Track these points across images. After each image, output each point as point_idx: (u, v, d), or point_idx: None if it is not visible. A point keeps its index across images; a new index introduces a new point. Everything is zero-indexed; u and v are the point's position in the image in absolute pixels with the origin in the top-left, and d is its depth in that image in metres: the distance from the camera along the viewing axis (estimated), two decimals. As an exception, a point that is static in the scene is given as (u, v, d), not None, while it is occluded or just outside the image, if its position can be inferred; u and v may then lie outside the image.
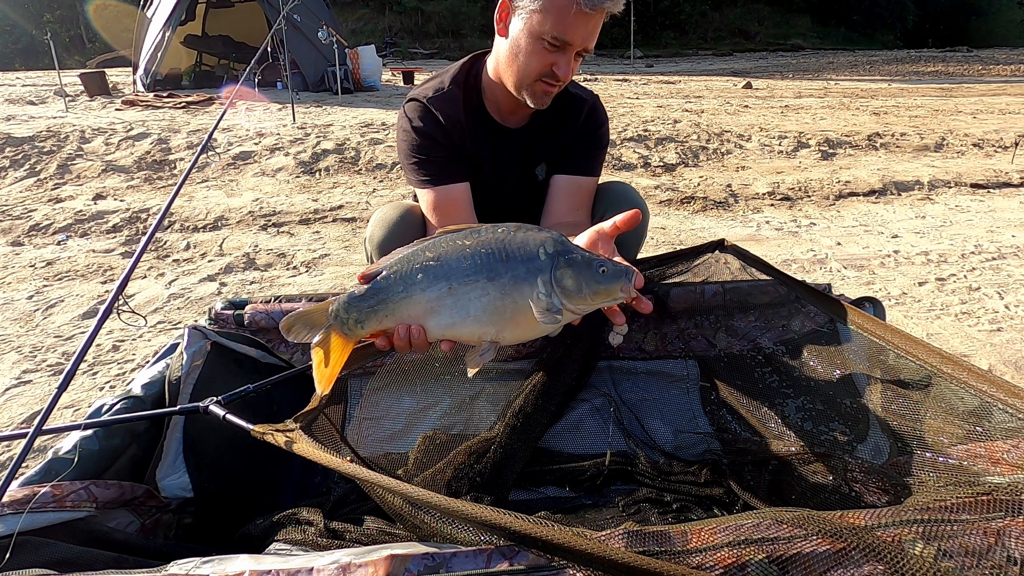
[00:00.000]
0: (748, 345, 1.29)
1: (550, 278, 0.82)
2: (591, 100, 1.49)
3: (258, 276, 3.05)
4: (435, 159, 1.38)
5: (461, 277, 0.82)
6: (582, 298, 0.83)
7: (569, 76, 1.28)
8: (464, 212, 1.40)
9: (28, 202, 4.21)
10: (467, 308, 0.82)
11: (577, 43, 1.23)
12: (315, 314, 0.87)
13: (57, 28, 16.67)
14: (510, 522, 0.56)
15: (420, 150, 1.38)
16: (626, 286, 0.83)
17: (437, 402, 1.24)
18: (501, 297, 0.82)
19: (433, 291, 0.82)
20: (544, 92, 1.31)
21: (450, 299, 0.82)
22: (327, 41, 8.74)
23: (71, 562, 0.72)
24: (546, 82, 1.28)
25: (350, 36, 9.88)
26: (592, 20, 1.21)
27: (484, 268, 0.82)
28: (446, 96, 1.39)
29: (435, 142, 1.38)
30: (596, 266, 0.83)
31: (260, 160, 5.16)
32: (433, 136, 1.38)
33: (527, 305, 0.82)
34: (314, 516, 0.86)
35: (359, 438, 1.21)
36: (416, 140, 1.38)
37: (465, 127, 1.40)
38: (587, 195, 1.50)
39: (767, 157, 5.57)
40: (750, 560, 0.55)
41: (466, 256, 0.82)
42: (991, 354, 2.29)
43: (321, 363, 0.86)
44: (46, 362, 2.24)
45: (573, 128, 1.46)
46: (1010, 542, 0.56)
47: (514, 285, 0.82)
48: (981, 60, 15.90)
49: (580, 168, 1.47)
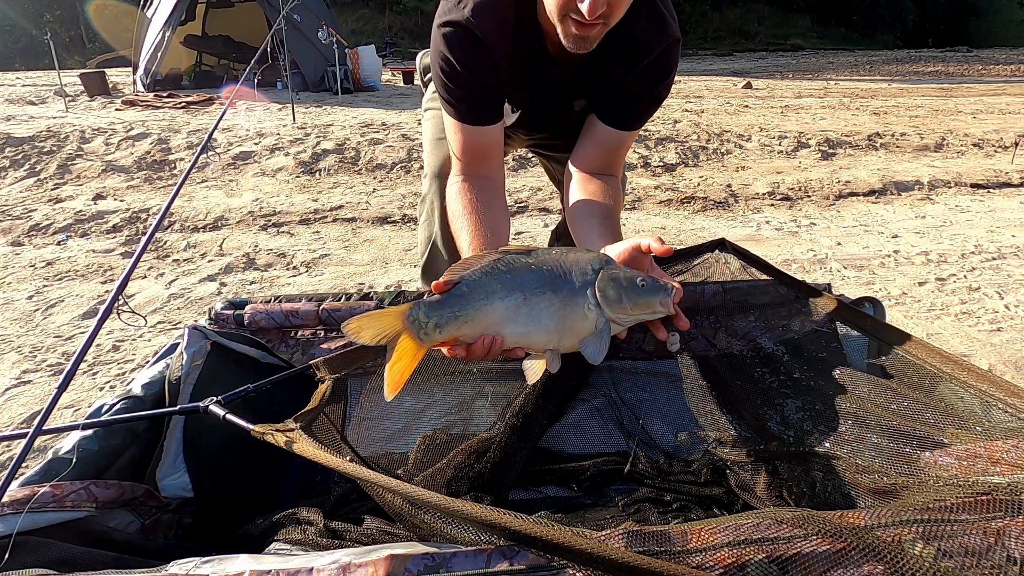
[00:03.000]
0: (748, 345, 1.29)
1: (596, 290, 0.91)
2: (659, 49, 1.21)
3: (258, 276, 3.05)
4: (469, 97, 1.22)
5: (533, 289, 0.90)
6: (624, 309, 0.91)
7: (599, 10, 0.99)
8: (494, 158, 1.29)
9: (28, 202, 4.21)
10: (540, 318, 0.90)
11: None
12: (387, 317, 0.88)
13: (57, 28, 16.67)
14: (510, 521, 0.56)
15: (454, 83, 1.20)
16: (665, 300, 0.91)
17: (437, 402, 1.24)
18: (563, 308, 0.90)
19: (511, 300, 0.89)
20: (577, 35, 1.06)
21: (525, 309, 0.89)
22: (327, 41, 8.74)
23: (71, 562, 0.72)
24: (575, 19, 1.03)
25: (350, 36, 9.88)
26: None
27: (549, 281, 0.90)
28: (493, 10, 1.15)
29: (471, 76, 1.19)
30: (637, 280, 0.91)
31: (260, 160, 5.16)
32: (471, 69, 1.18)
33: (583, 315, 0.90)
34: (314, 516, 0.86)
35: (359, 438, 1.21)
36: (450, 72, 1.19)
37: (511, 53, 1.20)
38: (624, 149, 1.35)
39: (767, 157, 5.57)
40: (750, 560, 0.55)
41: (533, 270, 0.91)
42: (991, 354, 2.29)
43: (393, 366, 0.88)
44: (46, 362, 2.24)
45: (628, 74, 1.23)
46: (1010, 542, 0.56)
47: (572, 297, 0.91)
48: (981, 60, 15.90)
49: (625, 120, 1.30)
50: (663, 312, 0.92)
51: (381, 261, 3.28)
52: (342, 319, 1.30)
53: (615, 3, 1.02)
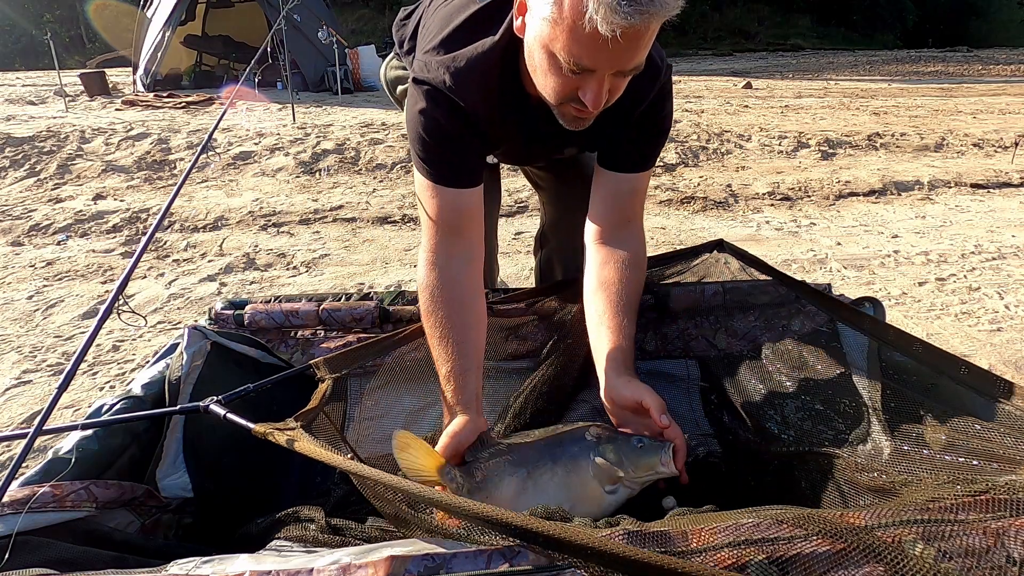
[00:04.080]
0: (748, 345, 1.29)
1: (597, 454, 0.95)
2: (654, 93, 1.12)
3: (258, 276, 3.05)
4: (447, 158, 1.10)
5: (534, 463, 0.96)
6: (626, 471, 0.94)
7: (602, 102, 0.93)
8: (473, 226, 1.14)
9: (28, 202, 4.21)
10: (545, 489, 0.94)
11: (604, 67, 0.89)
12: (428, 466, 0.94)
13: (57, 28, 16.65)
14: (511, 518, 0.57)
15: (432, 139, 1.08)
16: (665, 459, 0.94)
17: (437, 402, 1.24)
18: (567, 475, 0.95)
19: (517, 476, 0.95)
20: (575, 117, 0.99)
21: (530, 483, 0.95)
22: (327, 41, 8.73)
23: (71, 562, 0.72)
24: (575, 106, 0.96)
25: (350, 36, 9.87)
26: (622, 40, 0.82)
27: (547, 452, 0.97)
28: (473, 78, 1.04)
29: (450, 139, 1.08)
30: (635, 441, 0.96)
31: (260, 160, 5.16)
32: (449, 132, 1.08)
33: (590, 479, 0.94)
34: (315, 515, 0.86)
35: (359, 438, 1.21)
36: (428, 129, 1.07)
37: (496, 116, 1.10)
38: (642, 193, 1.23)
39: (767, 157, 5.57)
40: (750, 560, 0.55)
41: (532, 446, 0.98)
42: (991, 354, 2.29)
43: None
44: (46, 362, 2.24)
45: (626, 126, 1.15)
46: (1010, 542, 0.56)
47: (574, 462, 0.95)
48: (981, 60, 15.89)
49: (636, 163, 1.19)
50: (667, 472, 0.94)
51: (381, 261, 3.28)
52: (342, 319, 1.31)
53: (616, 88, 0.95)
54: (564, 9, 0.84)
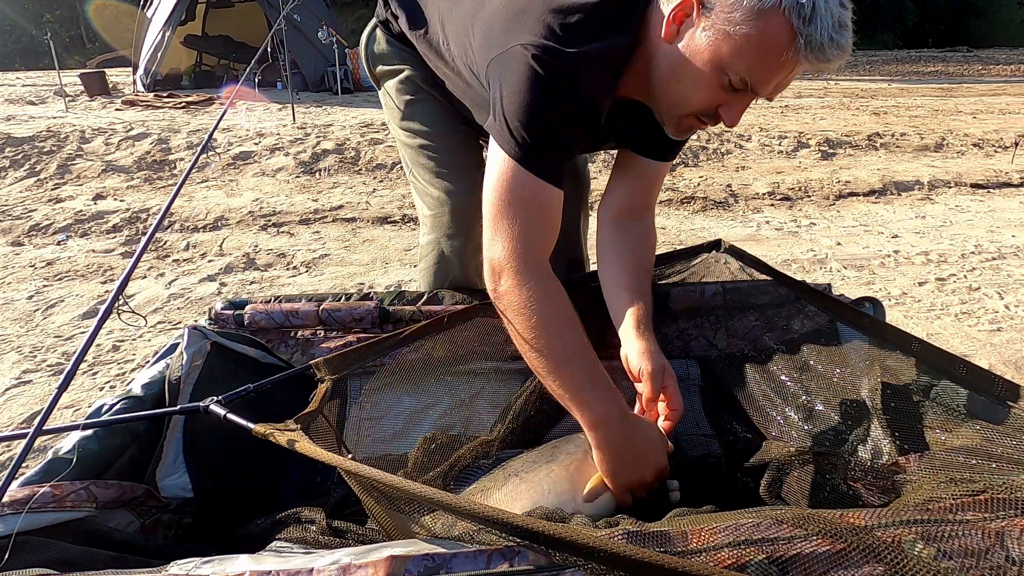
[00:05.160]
0: (748, 345, 1.29)
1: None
2: None
3: (258, 276, 3.05)
4: (564, 148, 1.02)
5: (528, 469, 1.00)
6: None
7: (735, 124, 0.96)
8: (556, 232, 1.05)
9: (28, 202, 4.21)
10: (540, 485, 0.97)
11: (765, 92, 0.91)
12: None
13: (57, 28, 16.66)
14: (511, 518, 0.57)
15: (553, 130, 0.96)
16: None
17: (437, 402, 1.24)
18: (565, 467, 0.99)
19: (508, 485, 0.98)
20: (691, 128, 1.01)
21: (524, 485, 0.97)
22: (327, 41, 8.73)
23: (71, 562, 0.72)
24: (701, 119, 0.97)
25: (350, 36, 9.85)
26: (800, 69, 0.88)
27: (543, 457, 1.02)
28: (602, 71, 0.97)
29: (567, 126, 0.98)
30: None
31: (260, 160, 5.16)
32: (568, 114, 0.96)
33: (590, 464, 0.98)
34: (315, 515, 0.86)
35: (359, 438, 1.21)
36: (544, 104, 0.93)
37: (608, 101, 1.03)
38: (659, 181, 1.30)
39: (767, 157, 5.57)
40: (750, 560, 0.55)
41: (529, 457, 1.03)
42: (991, 354, 2.29)
43: None
44: (46, 362, 2.24)
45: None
46: (1010, 542, 0.56)
47: (566, 450, 1.03)
48: (981, 60, 15.89)
49: (665, 151, 1.23)
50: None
51: (381, 261, 3.28)
52: (342, 319, 1.31)
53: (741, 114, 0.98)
54: (767, 34, 0.84)
